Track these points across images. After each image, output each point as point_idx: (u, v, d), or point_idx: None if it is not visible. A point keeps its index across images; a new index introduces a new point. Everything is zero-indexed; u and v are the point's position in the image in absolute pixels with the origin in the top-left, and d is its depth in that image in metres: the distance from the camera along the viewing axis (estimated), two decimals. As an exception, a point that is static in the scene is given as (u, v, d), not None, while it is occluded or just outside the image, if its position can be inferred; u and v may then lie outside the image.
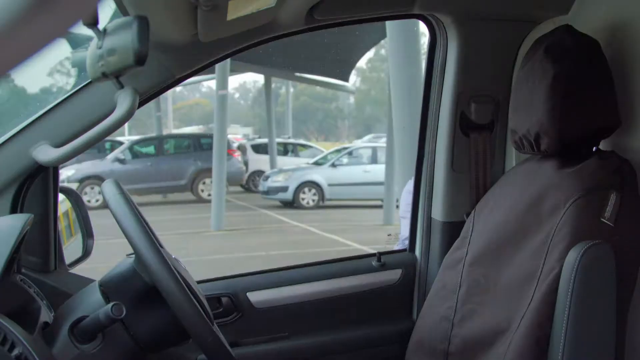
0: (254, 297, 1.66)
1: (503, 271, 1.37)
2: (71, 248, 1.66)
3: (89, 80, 1.36)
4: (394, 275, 1.72)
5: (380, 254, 1.73)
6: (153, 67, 1.37)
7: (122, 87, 1.15)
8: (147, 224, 1.24)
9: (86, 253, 1.65)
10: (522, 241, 1.34)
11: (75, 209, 1.66)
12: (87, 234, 1.65)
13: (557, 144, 1.31)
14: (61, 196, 1.62)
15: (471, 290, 1.44)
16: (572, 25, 1.35)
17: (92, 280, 1.48)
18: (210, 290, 1.65)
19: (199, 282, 1.62)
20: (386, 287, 1.70)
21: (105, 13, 1.25)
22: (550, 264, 1.25)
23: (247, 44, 1.51)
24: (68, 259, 1.61)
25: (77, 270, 1.67)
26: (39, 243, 1.49)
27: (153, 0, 1.08)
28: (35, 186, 1.46)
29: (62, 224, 1.70)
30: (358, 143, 19.92)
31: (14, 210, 1.42)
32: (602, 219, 1.21)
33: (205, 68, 1.52)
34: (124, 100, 1.14)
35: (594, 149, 1.36)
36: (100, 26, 1.07)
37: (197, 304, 1.16)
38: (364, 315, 1.69)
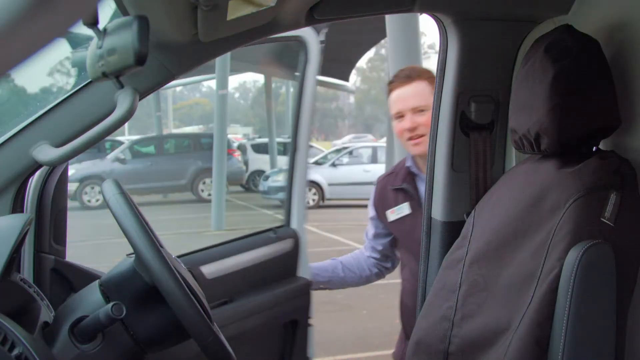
0: (206, 269, 1.95)
1: (503, 271, 1.37)
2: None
3: (89, 80, 1.36)
4: (286, 243, 2.15)
5: (276, 228, 2.22)
6: (153, 66, 1.37)
7: (122, 87, 1.15)
8: (147, 223, 1.24)
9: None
10: (522, 241, 1.34)
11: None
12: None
13: (557, 143, 1.31)
14: None
15: (471, 290, 1.44)
16: (572, 25, 1.35)
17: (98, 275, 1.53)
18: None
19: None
20: (283, 254, 2.12)
21: (105, 13, 1.25)
22: (551, 263, 1.25)
23: (247, 44, 1.51)
24: None
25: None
26: (61, 233, 1.62)
27: (153, 0, 1.08)
28: (61, 180, 1.57)
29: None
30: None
31: (14, 210, 1.42)
32: (602, 219, 1.21)
33: (205, 62, 1.53)
34: (124, 100, 1.14)
35: (594, 148, 1.36)
36: (100, 26, 1.07)
37: (197, 303, 1.16)
38: (269, 279, 2.08)
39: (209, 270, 1.98)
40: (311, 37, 2.16)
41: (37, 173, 1.47)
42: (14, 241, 1.14)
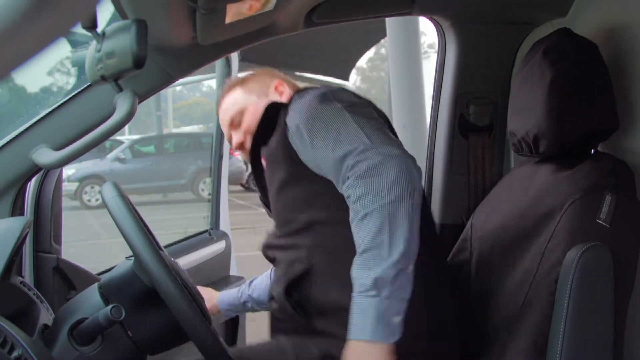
0: (181, 261, 1.94)
1: (505, 274, 1.37)
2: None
3: (89, 83, 1.36)
4: (221, 244, 2.29)
5: (210, 229, 2.36)
6: (152, 69, 1.38)
7: (121, 90, 1.15)
8: (146, 226, 1.25)
9: None
10: (522, 244, 1.34)
11: None
12: None
13: (556, 146, 1.31)
14: None
15: (474, 293, 1.45)
16: (570, 27, 1.36)
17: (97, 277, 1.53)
18: None
19: None
20: (218, 254, 2.25)
21: (104, 16, 1.25)
22: (549, 266, 1.25)
23: (245, 46, 1.51)
24: None
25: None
26: (58, 235, 1.62)
27: (152, 4, 1.08)
28: (58, 182, 1.58)
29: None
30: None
31: (14, 212, 1.42)
32: (597, 220, 1.21)
33: (204, 65, 1.54)
34: (123, 103, 1.14)
35: (592, 151, 1.36)
36: (99, 29, 1.08)
37: (196, 305, 1.16)
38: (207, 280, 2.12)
39: None
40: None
41: (35, 176, 1.48)
42: (14, 244, 1.14)
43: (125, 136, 17.75)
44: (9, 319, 1.07)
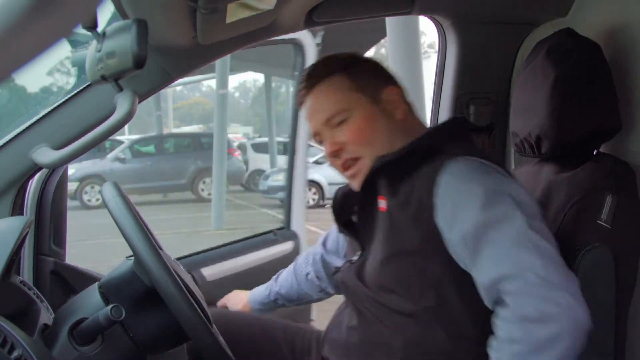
0: (206, 271, 1.95)
1: None
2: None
3: (89, 83, 1.36)
4: (286, 245, 2.18)
5: (276, 230, 2.24)
6: (152, 69, 1.38)
7: (121, 90, 1.15)
8: (146, 226, 1.24)
9: None
10: None
11: None
12: None
13: (558, 147, 1.31)
14: None
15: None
16: (571, 27, 1.35)
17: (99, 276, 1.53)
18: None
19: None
20: (283, 255, 2.15)
21: (104, 16, 1.25)
22: None
23: (246, 46, 1.51)
24: None
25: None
26: (60, 235, 1.61)
27: (152, 4, 1.08)
28: (61, 181, 1.57)
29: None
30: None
31: (14, 212, 1.42)
32: (598, 221, 1.21)
33: (204, 66, 1.54)
34: (123, 103, 1.14)
35: (594, 152, 1.35)
36: (99, 29, 1.08)
37: (196, 305, 1.16)
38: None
39: (209, 272, 1.98)
40: (307, 39, 2.14)
41: (37, 175, 1.48)
42: (14, 243, 1.14)
43: (125, 136, 17.76)
44: (9, 318, 1.07)
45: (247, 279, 2.00)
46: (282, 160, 15.70)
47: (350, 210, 1.40)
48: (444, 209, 1.12)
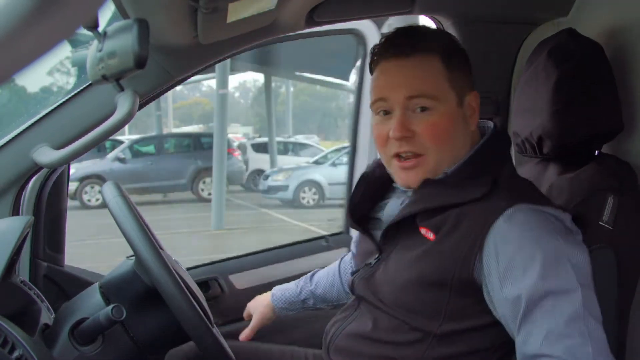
0: (235, 279, 1.85)
1: None
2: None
3: (89, 83, 1.36)
4: (340, 253, 1.92)
5: (328, 236, 2.06)
6: (153, 69, 1.38)
7: (122, 89, 1.15)
8: (147, 225, 1.24)
9: None
10: None
11: None
12: None
13: (560, 147, 1.30)
14: None
15: None
16: (572, 27, 1.35)
17: (100, 276, 1.52)
18: (197, 275, 1.81)
19: (186, 268, 1.68)
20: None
21: (105, 15, 1.25)
22: None
23: (247, 46, 1.51)
24: None
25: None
26: (56, 238, 1.59)
27: (153, 3, 1.08)
28: (54, 185, 1.54)
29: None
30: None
31: (14, 212, 1.42)
32: (600, 222, 1.21)
33: (206, 68, 1.53)
34: (123, 103, 1.14)
35: (596, 152, 1.35)
36: (100, 29, 1.08)
37: (197, 306, 1.16)
38: None
39: (240, 280, 1.86)
40: (370, 30, 1.95)
41: (35, 177, 1.47)
42: (15, 243, 1.14)
43: (125, 136, 17.76)
44: (9, 318, 1.07)
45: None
46: (282, 160, 15.70)
47: (369, 206, 1.32)
48: (497, 259, 1.05)
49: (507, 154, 1.24)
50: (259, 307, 1.60)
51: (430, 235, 1.13)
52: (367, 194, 1.31)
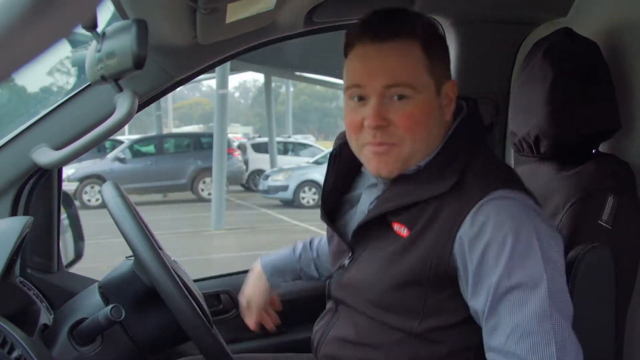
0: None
1: None
2: (64, 249, 1.67)
3: (88, 83, 1.36)
4: None
5: None
6: (152, 70, 1.38)
7: (121, 90, 1.15)
8: (146, 226, 1.24)
9: (78, 255, 1.66)
10: None
11: (66, 212, 1.66)
12: (78, 236, 1.67)
13: (557, 146, 1.30)
14: None
15: None
16: (571, 27, 1.35)
17: (94, 281, 1.49)
18: (209, 287, 1.70)
19: (198, 280, 1.63)
20: None
21: (104, 16, 1.25)
22: None
23: (246, 47, 1.51)
24: (64, 260, 1.62)
25: (77, 269, 1.67)
26: (44, 243, 1.52)
27: (152, 4, 1.08)
28: (41, 187, 1.48)
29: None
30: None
31: (14, 212, 1.42)
32: (599, 222, 1.21)
33: (205, 71, 1.53)
34: (123, 103, 1.15)
35: (593, 151, 1.35)
36: (99, 29, 1.08)
37: (196, 306, 1.16)
38: None
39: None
40: None
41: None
42: (14, 243, 1.14)
43: (125, 136, 17.77)
44: (8, 318, 1.07)
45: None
46: (281, 160, 15.71)
47: (339, 198, 1.28)
48: (469, 252, 1.04)
49: (478, 138, 1.19)
50: (253, 294, 1.49)
51: (404, 232, 1.10)
52: (337, 182, 1.28)
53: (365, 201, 1.23)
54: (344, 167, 1.27)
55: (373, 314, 1.15)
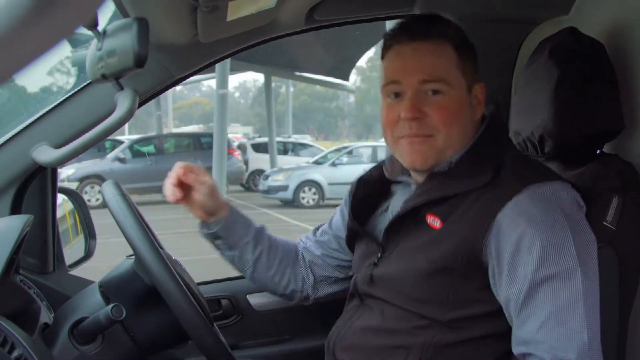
0: (254, 299, 1.69)
1: None
2: (75, 248, 1.66)
3: (89, 81, 1.36)
4: None
5: None
6: (153, 68, 1.37)
7: (121, 88, 1.15)
8: (147, 225, 1.24)
9: (88, 254, 1.65)
10: None
11: (77, 210, 1.65)
12: (90, 234, 1.65)
13: (561, 146, 1.30)
14: (63, 197, 1.62)
15: None
16: (573, 26, 1.35)
17: (90, 282, 1.48)
18: (210, 292, 1.67)
19: (198, 284, 1.62)
20: None
21: (105, 14, 1.25)
22: None
23: (247, 45, 1.51)
24: (70, 259, 1.61)
25: (78, 269, 1.66)
26: (38, 244, 1.50)
27: (153, 2, 1.08)
28: (34, 187, 1.46)
29: (68, 223, 1.71)
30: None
31: (14, 211, 1.42)
32: (604, 223, 1.20)
33: (206, 68, 1.53)
34: (123, 102, 1.14)
35: (597, 151, 1.35)
36: (100, 28, 1.07)
37: (197, 305, 1.16)
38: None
39: (263, 300, 1.70)
40: None
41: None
42: (14, 242, 1.14)
43: (125, 136, 17.76)
44: (9, 318, 1.07)
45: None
46: (281, 160, 15.71)
47: (371, 204, 1.33)
48: (504, 244, 1.08)
49: (507, 138, 1.27)
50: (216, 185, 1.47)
51: (437, 224, 1.14)
52: (368, 196, 1.34)
53: (397, 202, 1.27)
54: (375, 183, 1.34)
55: (401, 304, 1.17)
